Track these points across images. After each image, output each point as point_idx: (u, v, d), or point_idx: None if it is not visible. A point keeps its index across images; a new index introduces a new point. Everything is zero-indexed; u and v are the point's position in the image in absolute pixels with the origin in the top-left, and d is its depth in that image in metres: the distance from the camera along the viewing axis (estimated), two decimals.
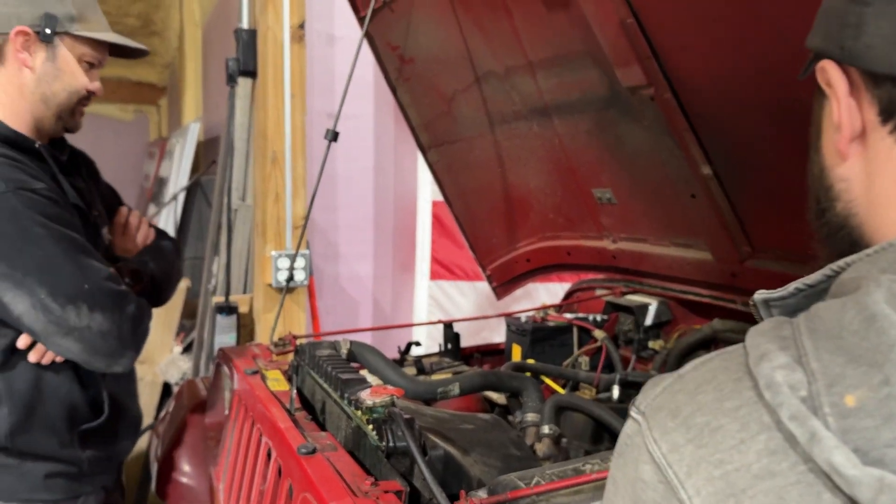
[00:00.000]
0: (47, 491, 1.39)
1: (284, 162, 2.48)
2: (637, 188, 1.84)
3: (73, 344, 1.29)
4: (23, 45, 1.33)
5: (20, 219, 1.24)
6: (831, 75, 0.55)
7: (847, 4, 0.53)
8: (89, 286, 1.28)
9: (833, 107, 0.55)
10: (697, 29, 1.38)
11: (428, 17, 1.98)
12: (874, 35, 0.50)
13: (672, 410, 0.48)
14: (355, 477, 1.05)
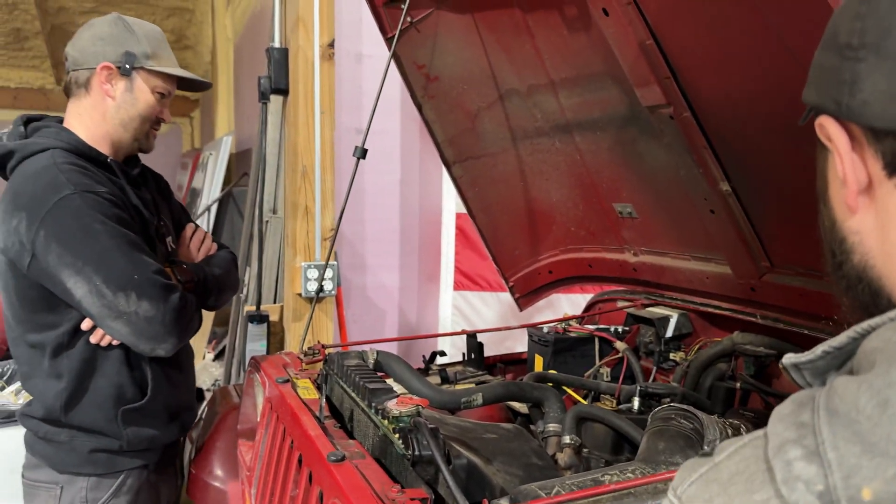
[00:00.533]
0: (91, 465, 1.55)
1: (314, 176, 2.56)
2: (658, 203, 1.88)
3: (123, 327, 1.44)
4: (106, 78, 1.56)
5: (83, 216, 1.42)
6: (831, 131, 0.55)
7: (840, 61, 0.53)
8: (138, 276, 1.43)
9: (836, 162, 0.55)
10: (714, 50, 1.42)
11: (452, 37, 2.05)
12: (871, 91, 0.51)
13: (706, 500, 0.48)
14: (382, 484, 1.11)
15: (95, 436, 1.55)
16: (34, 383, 1.56)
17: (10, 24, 6.62)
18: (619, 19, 1.50)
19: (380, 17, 2.08)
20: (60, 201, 1.40)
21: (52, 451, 1.57)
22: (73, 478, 1.56)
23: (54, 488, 1.56)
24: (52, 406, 1.52)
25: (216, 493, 1.79)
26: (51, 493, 1.57)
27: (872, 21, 0.51)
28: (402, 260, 3.24)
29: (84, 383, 1.52)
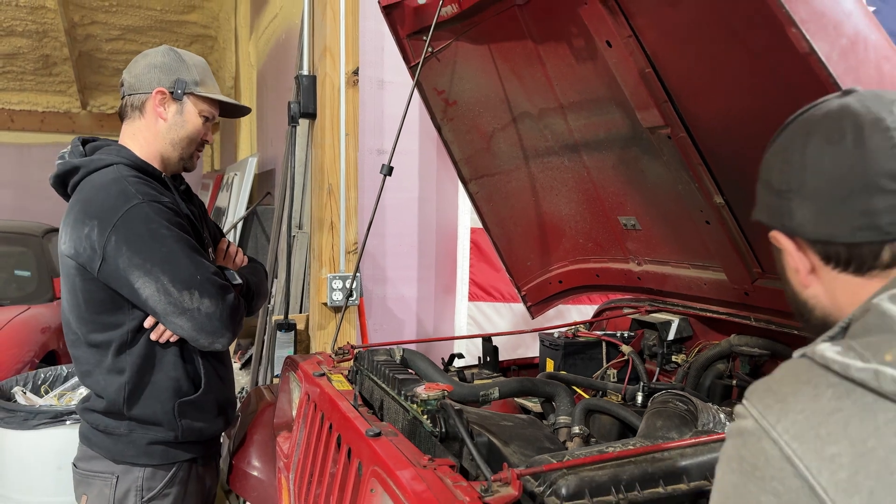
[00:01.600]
0: (147, 456, 1.68)
1: (339, 193, 2.74)
2: (658, 216, 2.04)
3: (186, 322, 1.59)
4: (160, 101, 1.72)
5: (150, 223, 1.58)
6: (782, 241, 0.84)
7: (778, 200, 0.81)
8: (200, 277, 1.59)
9: (787, 258, 0.84)
10: (707, 77, 1.59)
11: (470, 65, 2.23)
12: (801, 218, 0.79)
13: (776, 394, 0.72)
14: (415, 455, 1.27)
15: (153, 428, 1.68)
16: (96, 380, 1.69)
17: (40, 50, 6.92)
18: (621, 50, 1.68)
19: (403, 48, 2.27)
20: (131, 209, 1.56)
21: (111, 443, 1.68)
22: (130, 468, 1.68)
23: (110, 478, 1.68)
24: (115, 399, 1.65)
25: (255, 482, 1.94)
26: (106, 483, 1.68)
27: (792, 175, 0.80)
28: (420, 272, 3.41)
29: (145, 377, 1.66)
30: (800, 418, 0.65)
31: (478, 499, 1.08)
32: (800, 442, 0.64)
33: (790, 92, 1.32)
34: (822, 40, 1.03)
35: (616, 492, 1.17)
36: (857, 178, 0.74)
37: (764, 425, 0.67)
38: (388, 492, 1.16)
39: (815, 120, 0.80)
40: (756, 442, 0.67)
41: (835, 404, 0.64)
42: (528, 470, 1.17)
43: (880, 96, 0.77)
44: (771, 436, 0.66)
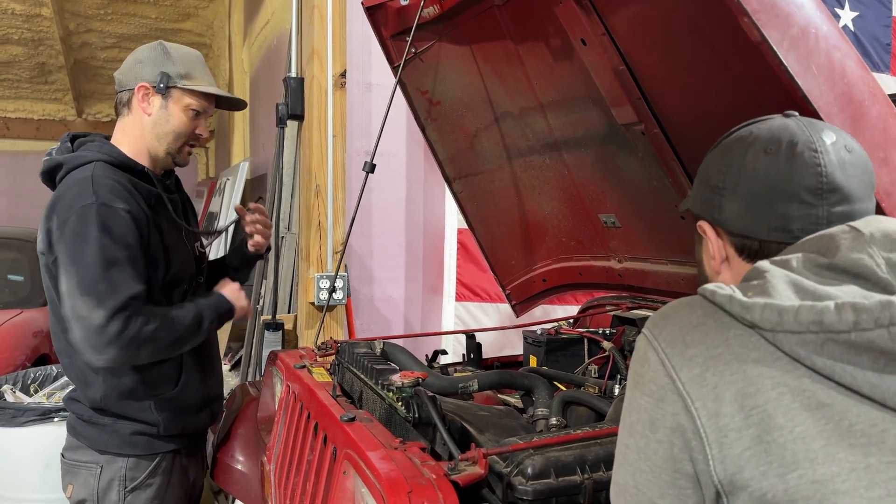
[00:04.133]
0: (131, 446, 1.70)
1: (327, 194, 2.78)
2: (636, 212, 2.08)
3: (77, 330, 1.54)
4: (143, 96, 1.72)
5: (88, 224, 1.56)
6: (706, 229, 0.96)
7: (712, 194, 0.93)
8: (103, 288, 1.54)
9: (708, 245, 0.97)
10: (677, 75, 1.63)
11: (453, 65, 2.28)
12: (729, 211, 0.91)
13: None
14: (388, 439, 1.30)
15: (135, 421, 1.69)
16: (76, 374, 1.70)
17: (36, 58, 6.97)
18: (596, 48, 1.72)
19: (387, 48, 2.32)
20: (81, 209, 1.56)
21: (95, 433, 1.70)
22: (114, 458, 1.69)
23: (94, 468, 1.69)
24: (93, 396, 1.67)
25: (239, 476, 1.96)
26: (91, 472, 1.69)
27: (729, 175, 0.91)
28: (408, 273, 3.45)
29: (119, 376, 1.66)
30: (674, 329, 0.82)
31: (443, 476, 1.11)
32: (671, 347, 0.81)
33: (748, 85, 1.36)
34: (773, 29, 1.07)
35: (581, 472, 1.19)
36: (783, 187, 0.87)
37: (650, 338, 0.83)
38: (358, 473, 1.19)
39: (758, 132, 0.92)
40: (643, 354, 0.84)
41: (701, 320, 0.81)
42: (495, 450, 1.20)
43: (814, 123, 0.91)
44: (653, 345, 0.82)
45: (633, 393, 0.85)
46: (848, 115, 1.10)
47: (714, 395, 0.76)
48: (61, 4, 6.23)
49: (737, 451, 0.74)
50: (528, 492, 1.15)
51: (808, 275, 0.80)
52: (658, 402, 0.81)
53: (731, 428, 0.74)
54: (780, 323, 0.74)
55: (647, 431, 0.82)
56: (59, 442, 2.42)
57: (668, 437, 0.79)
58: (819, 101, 1.08)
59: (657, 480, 0.81)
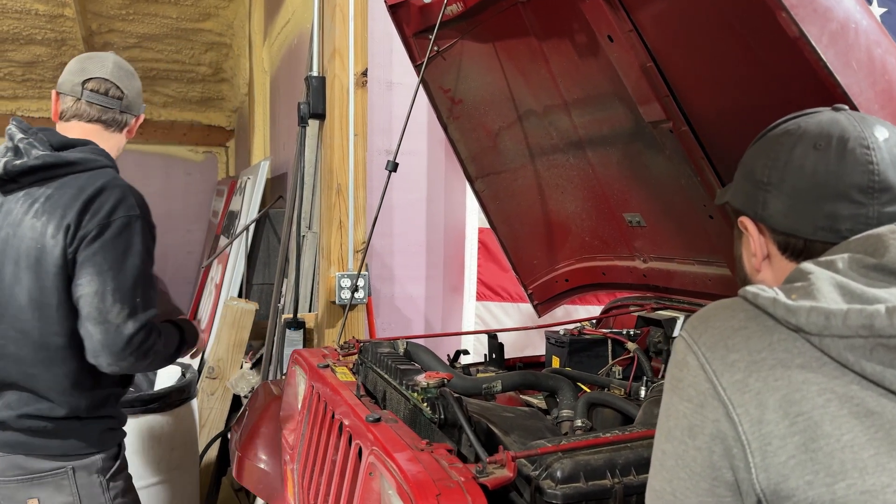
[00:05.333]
0: (102, 443, 1.72)
1: (348, 193, 2.77)
2: (663, 212, 2.05)
3: (99, 333, 1.57)
4: (136, 125, 1.89)
5: (134, 236, 1.63)
6: (748, 226, 0.93)
7: (756, 190, 0.91)
8: (139, 302, 1.61)
9: (749, 242, 0.94)
10: (707, 71, 1.60)
11: (475, 63, 2.26)
12: (773, 208, 0.88)
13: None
14: (413, 439, 1.28)
15: (105, 419, 1.73)
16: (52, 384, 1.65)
17: (59, 58, 7.04)
18: (623, 45, 1.69)
19: (410, 47, 2.31)
20: (127, 218, 1.63)
21: (59, 441, 1.65)
22: (84, 456, 1.68)
23: (63, 472, 1.64)
24: (76, 405, 1.65)
25: (262, 475, 1.96)
26: (61, 477, 1.64)
27: (774, 170, 0.89)
28: (428, 272, 3.43)
29: (108, 382, 1.73)
30: (715, 333, 0.79)
31: (472, 479, 1.09)
32: (711, 351, 0.78)
33: (784, 81, 1.33)
34: (811, 24, 1.05)
35: (612, 476, 1.17)
36: (832, 185, 0.84)
37: (689, 342, 0.81)
38: (385, 473, 1.18)
39: (806, 126, 0.89)
40: (682, 357, 0.81)
41: (743, 323, 0.78)
42: (524, 452, 1.19)
43: (865, 118, 0.87)
44: (692, 349, 0.80)
45: (671, 397, 0.83)
46: (889, 112, 1.07)
47: (757, 401, 0.74)
48: (84, 5, 6.28)
49: (781, 460, 0.72)
50: (558, 495, 1.13)
51: (855, 276, 0.77)
52: (698, 407, 0.78)
53: (775, 435, 0.72)
54: (827, 327, 0.72)
55: (685, 437, 0.79)
56: None
57: (708, 443, 0.77)
58: (859, 97, 1.06)
59: (695, 488, 0.79)
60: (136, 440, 2.51)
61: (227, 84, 7.66)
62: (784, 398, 0.73)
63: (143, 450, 2.53)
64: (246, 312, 3.63)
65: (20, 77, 7.29)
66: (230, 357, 3.61)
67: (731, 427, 0.75)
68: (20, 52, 6.87)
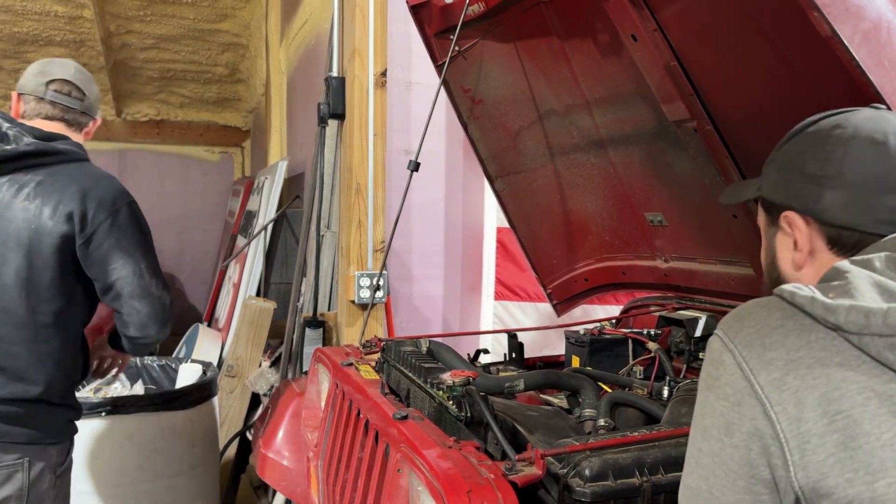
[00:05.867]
0: (62, 434, 1.79)
1: (367, 193, 2.79)
2: (685, 211, 2.04)
3: (145, 307, 1.76)
4: (93, 128, 1.98)
5: (140, 218, 1.83)
6: (795, 220, 0.91)
7: (807, 184, 0.90)
8: (161, 274, 1.84)
9: (788, 238, 0.93)
10: (732, 70, 1.60)
11: (496, 63, 2.26)
12: (829, 201, 0.87)
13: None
14: (440, 437, 1.29)
15: (68, 407, 1.79)
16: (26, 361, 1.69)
17: (77, 59, 7.07)
18: (647, 44, 1.69)
19: (431, 47, 2.31)
20: (129, 204, 1.80)
21: (24, 430, 1.67)
22: (44, 448, 1.70)
23: (20, 463, 1.66)
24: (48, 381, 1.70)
25: (285, 472, 1.98)
26: (16, 468, 1.65)
27: (830, 164, 0.88)
28: (446, 271, 3.44)
29: (73, 366, 1.80)
30: (751, 331, 0.80)
31: (501, 476, 1.10)
32: (748, 350, 0.79)
33: (814, 80, 1.33)
34: (843, 23, 1.04)
35: (640, 474, 1.17)
36: (894, 178, 0.84)
37: (725, 341, 0.81)
38: (415, 471, 1.18)
39: (856, 121, 0.89)
40: (718, 356, 0.82)
41: (780, 322, 0.79)
42: (552, 451, 1.19)
43: None
44: (728, 347, 0.81)
45: (706, 396, 0.84)
46: None
47: (795, 399, 0.74)
48: (102, 6, 6.34)
49: (820, 458, 0.72)
50: (587, 493, 1.13)
51: (893, 276, 0.77)
52: (734, 405, 0.79)
53: (813, 433, 0.73)
54: (866, 325, 0.72)
55: (722, 436, 0.80)
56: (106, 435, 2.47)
57: (745, 441, 0.77)
58: (892, 96, 1.05)
59: (732, 486, 0.79)
60: (159, 437, 2.54)
61: (244, 85, 7.70)
62: (823, 396, 0.73)
63: (166, 447, 2.55)
64: (264, 311, 3.65)
65: None
66: (249, 355, 3.64)
67: (768, 425, 0.75)
68: (39, 54, 6.95)
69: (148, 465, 2.52)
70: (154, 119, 8.08)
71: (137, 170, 8.15)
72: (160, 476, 2.55)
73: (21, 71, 1.95)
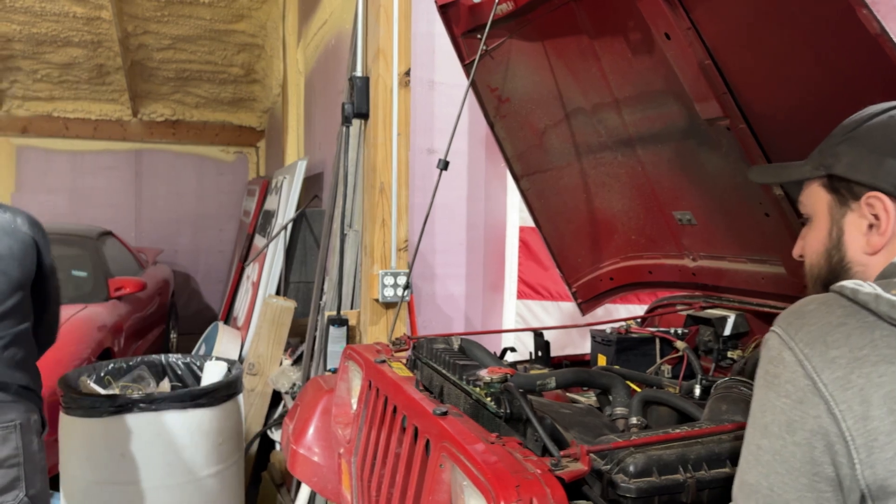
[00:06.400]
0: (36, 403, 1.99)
1: (391, 191, 2.80)
2: (715, 210, 2.04)
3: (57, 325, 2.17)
4: None
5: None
6: (884, 202, 0.90)
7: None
8: None
9: (882, 219, 0.91)
10: (767, 68, 1.59)
11: (523, 62, 2.27)
12: None
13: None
14: (482, 433, 1.30)
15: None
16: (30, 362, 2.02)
17: (95, 60, 7.17)
18: (680, 42, 1.70)
19: (458, 46, 2.32)
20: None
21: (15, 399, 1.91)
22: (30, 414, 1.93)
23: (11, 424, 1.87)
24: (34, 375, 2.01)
25: (316, 468, 1.99)
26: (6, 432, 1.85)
27: None
28: (469, 270, 3.45)
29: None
30: (813, 329, 0.80)
31: (548, 471, 1.10)
32: (810, 347, 0.79)
33: (853, 78, 1.32)
34: (893, 21, 1.04)
35: (684, 471, 1.18)
36: None
37: (785, 338, 0.82)
38: (459, 465, 1.19)
39: None
40: (778, 353, 0.82)
41: (842, 320, 0.79)
42: (597, 447, 1.19)
43: None
44: (789, 345, 0.81)
45: (766, 393, 0.84)
46: None
47: (861, 397, 0.74)
48: (120, 7, 6.39)
49: (888, 456, 0.72)
50: (632, 489, 1.14)
51: None
52: (797, 403, 0.79)
53: (881, 431, 0.73)
54: None
55: (783, 433, 0.80)
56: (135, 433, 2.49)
57: (808, 439, 0.78)
58: None
59: (794, 483, 0.79)
60: (186, 434, 2.56)
61: (259, 85, 7.74)
62: (889, 394, 0.73)
63: (193, 444, 2.57)
64: (285, 310, 3.67)
65: (57, 78, 7.44)
66: (270, 353, 3.66)
67: (833, 423, 0.75)
68: (57, 55, 7.02)
69: (176, 462, 2.54)
70: (170, 119, 8.14)
71: (153, 170, 8.22)
72: (187, 473, 2.57)
73: (40, 71, 2.02)
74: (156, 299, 5.97)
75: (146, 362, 3.11)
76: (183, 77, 7.58)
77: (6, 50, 6.87)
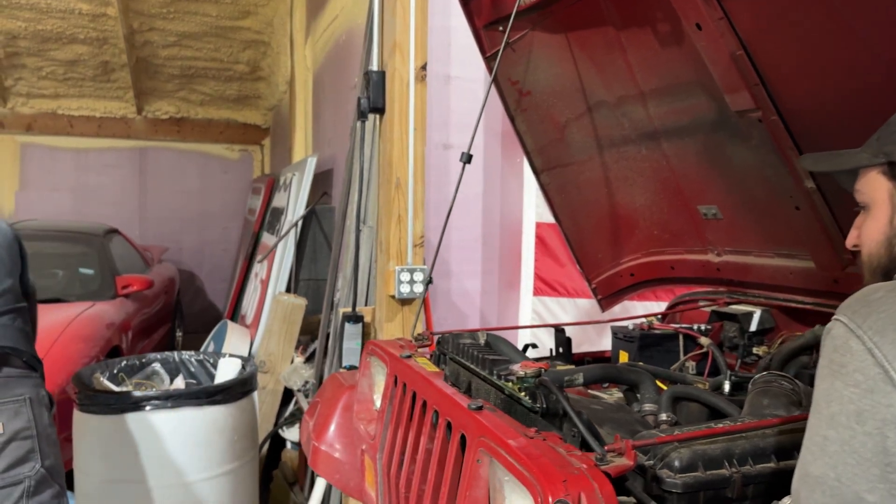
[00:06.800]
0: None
1: (407, 187, 2.77)
2: (743, 203, 2.01)
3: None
4: None
5: None
6: None
7: None
8: None
9: None
10: (802, 58, 1.57)
11: (545, 54, 2.24)
12: None
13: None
14: (519, 428, 1.27)
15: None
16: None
17: (100, 57, 7.14)
18: (712, 33, 1.67)
19: (480, 39, 2.29)
20: None
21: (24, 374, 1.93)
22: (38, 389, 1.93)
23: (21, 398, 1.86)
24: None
25: (338, 464, 1.96)
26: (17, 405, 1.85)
27: None
28: (485, 266, 3.43)
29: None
30: (882, 316, 0.78)
31: (594, 466, 1.08)
32: (881, 336, 0.77)
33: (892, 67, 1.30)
34: None
35: (729, 465, 1.15)
36: None
37: (852, 327, 0.80)
38: (499, 460, 1.16)
39: None
40: (844, 342, 0.80)
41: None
42: (641, 441, 1.17)
43: None
44: (856, 333, 0.79)
45: (832, 383, 0.81)
46: None
47: None
48: (126, 4, 6.36)
49: None
50: (678, 484, 1.11)
51: None
52: (867, 392, 0.77)
53: None
54: None
55: (852, 423, 0.78)
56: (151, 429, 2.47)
57: (880, 429, 0.75)
58: None
59: (865, 474, 0.77)
60: (202, 431, 2.54)
61: (264, 82, 7.71)
62: None
63: (209, 440, 2.55)
64: (296, 307, 3.65)
65: (62, 76, 7.41)
66: (281, 351, 3.63)
67: None
68: (62, 52, 6.99)
69: (191, 459, 2.51)
70: (174, 117, 8.12)
71: (157, 168, 8.20)
72: (203, 471, 2.55)
73: (45, 69, 1.99)
74: (162, 297, 5.95)
75: (160, 359, 3.08)
76: (188, 74, 7.55)
77: (11, 47, 6.84)
